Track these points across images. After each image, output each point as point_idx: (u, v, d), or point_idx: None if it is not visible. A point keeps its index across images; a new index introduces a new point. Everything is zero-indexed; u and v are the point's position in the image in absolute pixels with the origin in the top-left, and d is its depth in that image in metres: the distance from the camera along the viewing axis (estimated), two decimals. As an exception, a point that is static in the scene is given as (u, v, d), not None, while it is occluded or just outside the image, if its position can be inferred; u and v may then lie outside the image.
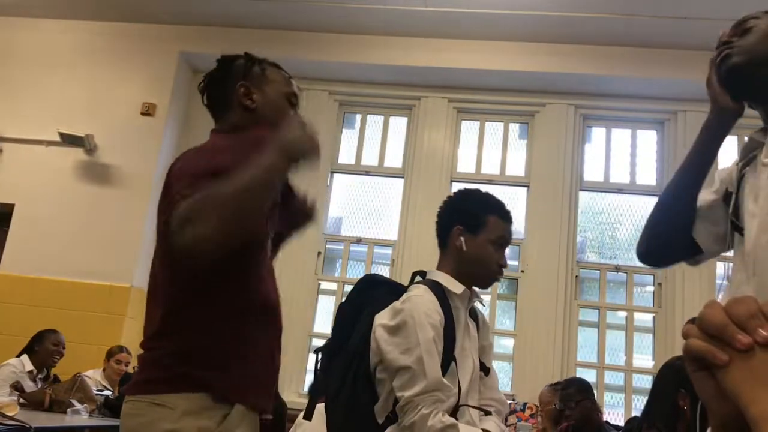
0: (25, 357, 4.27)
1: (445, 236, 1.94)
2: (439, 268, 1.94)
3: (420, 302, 1.77)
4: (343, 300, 2.00)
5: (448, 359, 1.77)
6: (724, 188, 1.46)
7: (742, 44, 1.39)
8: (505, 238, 1.92)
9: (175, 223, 1.26)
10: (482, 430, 1.75)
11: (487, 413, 1.87)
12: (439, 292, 1.84)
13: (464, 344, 1.85)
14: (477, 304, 1.99)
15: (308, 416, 1.87)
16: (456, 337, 1.81)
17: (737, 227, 1.35)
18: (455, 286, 1.87)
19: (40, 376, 4.28)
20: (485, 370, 1.93)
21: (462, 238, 1.89)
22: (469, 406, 1.80)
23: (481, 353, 1.95)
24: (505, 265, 1.92)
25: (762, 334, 0.50)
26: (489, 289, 5.05)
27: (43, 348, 4.32)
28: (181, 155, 1.53)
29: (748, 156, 1.40)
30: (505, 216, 1.93)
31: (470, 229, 1.90)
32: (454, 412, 1.75)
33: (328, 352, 1.91)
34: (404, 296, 1.83)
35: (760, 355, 0.50)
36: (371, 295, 1.92)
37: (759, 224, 1.27)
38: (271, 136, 1.44)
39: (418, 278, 1.97)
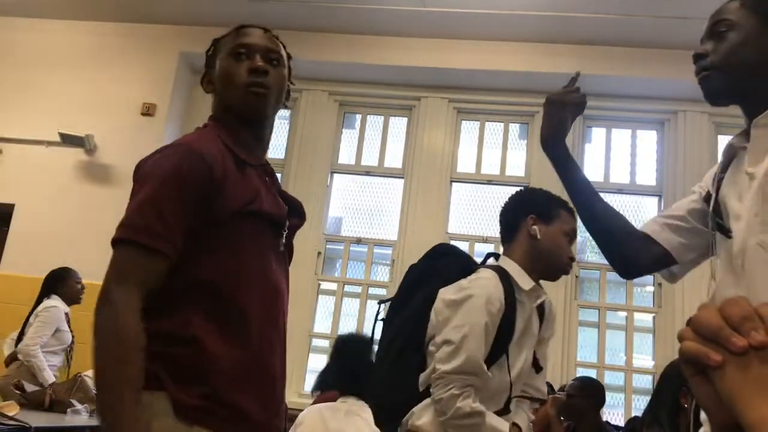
0: (57, 298, 4.38)
1: (514, 227, 1.94)
2: (507, 256, 1.93)
3: (486, 286, 1.78)
4: (414, 263, 2.05)
5: (500, 351, 1.77)
6: (706, 191, 1.46)
7: (717, 60, 1.33)
8: (575, 232, 1.94)
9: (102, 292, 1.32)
10: (511, 423, 1.76)
11: (526, 398, 1.89)
12: (507, 282, 1.83)
13: (522, 338, 1.84)
14: (546, 301, 1.97)
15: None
16: (515, 330, 1.81)
17: (723, 228, 1.33)
18: (525, 281, 1.86)
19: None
20: (537, 367, 1.93)
21: (536, 227, 1.89)
22: (517, 396, 1.83)
23: (538, 345, 1.93)
24: (574, 259, 1.94)
25: (757, 337, 0.50)
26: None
27: (68, 287, 4.45)
28: (152, 154, 1.42)
29: (727, 160, 1.39)
30: (572, 212, 1.95)
31: (544, 218, 1.91)
32: (506, 404, 1.77)
33: (391, 306, 1.96)
34: (473, 276, 1.84)
35: (755, 359, 0.50)
36: (441, 264, 1.95)
37: (746, 226, 1.25)
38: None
39: (491, 260, 1.97)
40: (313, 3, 5.04)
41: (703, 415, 1.32)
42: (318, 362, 4.75)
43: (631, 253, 1.48)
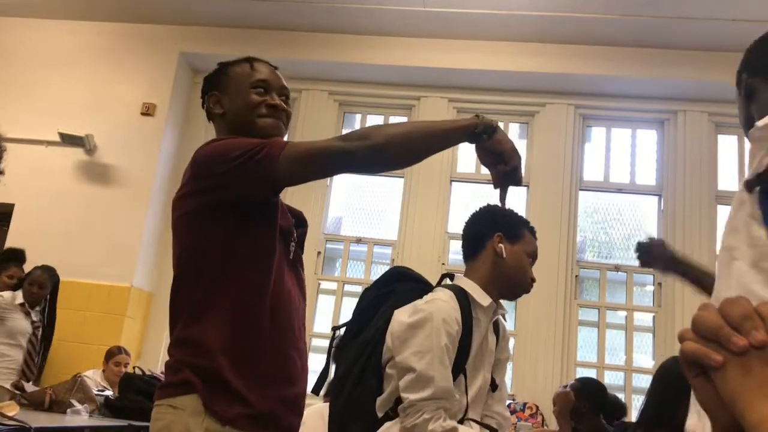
0: (18, 292, 4.35)
1: (479, 244, 1.94)
2: (467, 276, 1.92)
3: (442, 307, 1.76)
4: (368, 286, 2.01)
5: (458, 371, 1.75)
6: None
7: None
8: (536, 253, 1.96)
9: (348, 139, 1.42)
10: None
11: (492, 430, 1.85)
12: (464, 301, 1.81)
13: (478, 357, 1.83)
14: (500, 318, 1.96)
15: (315, 391, 1.89)
16: (471, 350, 1.79)
17: None
18: (482, 298, 1.84)
19: (37, 308, 4.38)
20: (494, 386, 1.91)
21: (502, 246, 1.89)
22: (471, 419, 1.80)
23: (496, 366, 1.92)
24: (534, 280, 1.94)
25: (757, 337, 0.49)
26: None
27: (25, 284, 4.38)
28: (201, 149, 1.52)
29: None
30: (534, 232, 1.98)
31: (510, 237, 1.91)
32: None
33: (345, 333, 1.94)
34: (428, 296, 1.82)
35: (755, 359, 0.49)
36: (396, 288, 1.93)
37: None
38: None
39: (446, 281, 1.96)
40: (313, 3, 5.04)
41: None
42: (318, 362, 4.75)
43: None
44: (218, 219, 1.47)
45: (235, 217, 1.46)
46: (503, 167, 1.49)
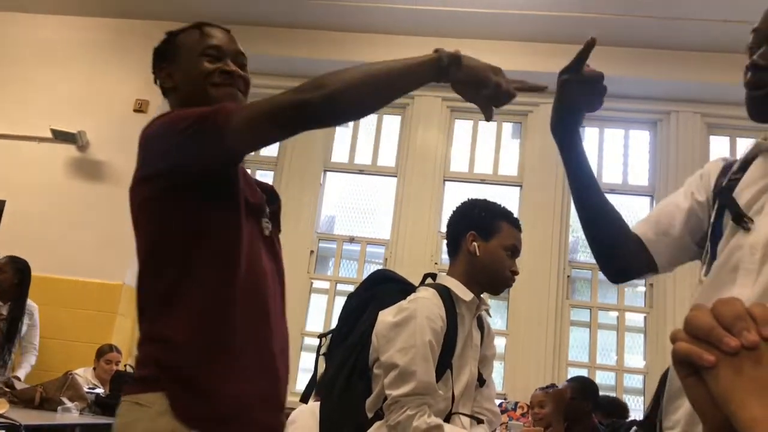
0: None
1: (457, 243, 1.95)
2: (449, 274, 1.94)
3: (426, 305, 1.78)
4: (352, 291, 2.03)
5: (444, 366, 1.77)
6: (705, 195, 1.41)
7: None
8: (516, 246, 1.93)
9: (303, 90, 1.23)
10: None
11: (479, 421, 1.87)
12: (447, 297, 1.84)
13: (464, 352, 1.85)
14: (483, 313, 1.98)
15: (304, 399, 1.89)
16: (456, 345, 1.81)
17: (740, 219, 1.23)
18: (464, 293, 1.86)
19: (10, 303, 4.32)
20: (481, 381, 1.93)
21: (475, 244, 1.90)
22: (460, 413, 1.81)
23: (482, 362, 1.94)
24: (516, 272, 1.93)
25: (748, 337, 0.50)
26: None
27: None
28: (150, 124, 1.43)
29: (750, 159, 1.31)
30: (516, 224, 1.96)
31: (483, 234, 1.91)
32: (446, 419, 1.75)
33: (332, 339, 1.95)
34: (412, 296, 1.84)
35: (747, 359, 0.50)
36: (380, 290, 1.95)
37: None
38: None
39: (429, 280, 1.97)
40: (314, 3, 5.03)
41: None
42: (310, 361, 4.75)
43: (624, 263, 1.46)
44: (176, 203, 1.34)
45: (194, 199, 1.33)
46: (486, 92, 1.39)
